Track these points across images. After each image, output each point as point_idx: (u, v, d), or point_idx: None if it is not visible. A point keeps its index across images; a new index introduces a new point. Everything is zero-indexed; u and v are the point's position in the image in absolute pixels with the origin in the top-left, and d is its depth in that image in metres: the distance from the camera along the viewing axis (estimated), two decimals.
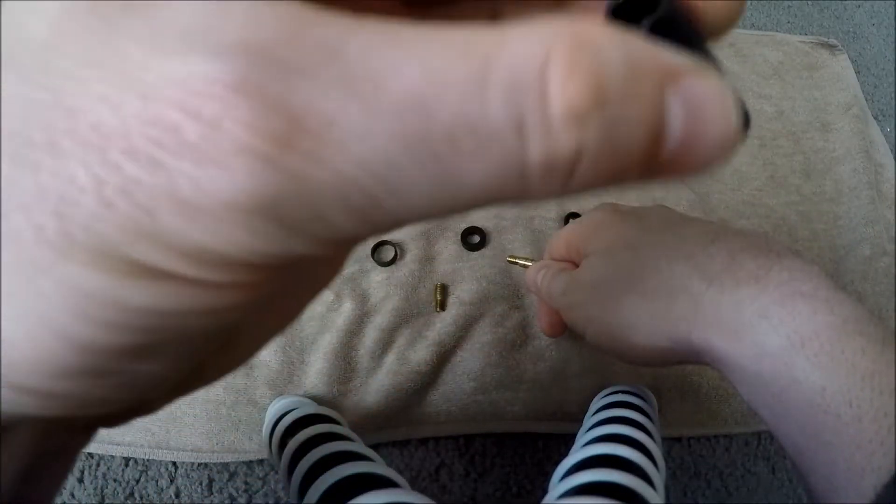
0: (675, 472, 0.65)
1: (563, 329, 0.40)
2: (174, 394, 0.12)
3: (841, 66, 0.83)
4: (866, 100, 0.82)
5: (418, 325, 0.62)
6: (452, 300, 0.63)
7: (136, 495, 0.59)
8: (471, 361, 0.62)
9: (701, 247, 0.27)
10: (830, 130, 0.78)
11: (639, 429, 0.45)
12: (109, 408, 0.10)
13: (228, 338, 0.11)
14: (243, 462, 0.60)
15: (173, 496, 0.59)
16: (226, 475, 0.60)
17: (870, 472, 0.21)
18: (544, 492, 0.42)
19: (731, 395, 0.65)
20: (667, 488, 0.42)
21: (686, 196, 0.70)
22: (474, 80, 0.07)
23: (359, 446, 0.44)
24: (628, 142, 0.07)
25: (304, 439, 0.45)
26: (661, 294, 0.27)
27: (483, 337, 0.62)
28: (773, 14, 0.90)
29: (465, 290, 0.63)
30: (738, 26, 0.87)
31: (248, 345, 0.12)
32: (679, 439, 0.66)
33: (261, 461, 0.60)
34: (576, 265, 0.35)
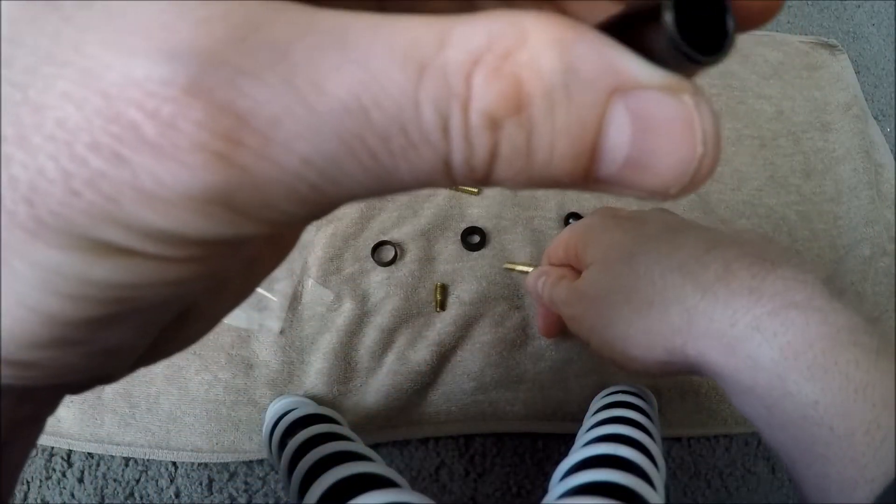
0: (675, 472, 0.65)
1: (560, 330, 0.41)
2: (136, 364, 0.12)
3: (841, 66, 0.83)
4: (866, 100, 0.82)
5: (418, 325, 0.62)
6: (452, 300, 0.63)
7: (136, 495, 0.59)
8: (471, 361, 0.62)
9: (695, 257, 0.27)
10: (830, 130, 0.78)
11: (639, 429, 0.45)
12: (76, 376, 0.10)
13: (187, 313, 0.12)
14: (243, 462, 0.60)
15: (173, 496, 0.59)
16: (226, 475, 0.60)
17: (863, 485, 0.21)
18: (544, 492, 0.42)
19: None
20: (667, 488, 0.42)
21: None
22: (409, 86, 0.07)
23: (359, 446, 0.44)
24: (549, 150, 0.07)
25: (303, 439, 0.45)
26: (656, 306, 0.27)
27: (483, 337, 0.62)
28: None
29: (465, 290, 0.63)
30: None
31: (204, 321, 0.13)
32: (679, 439, 0.66)
33: (261, 461, 0.60)
34: (574, 269, 0.36)
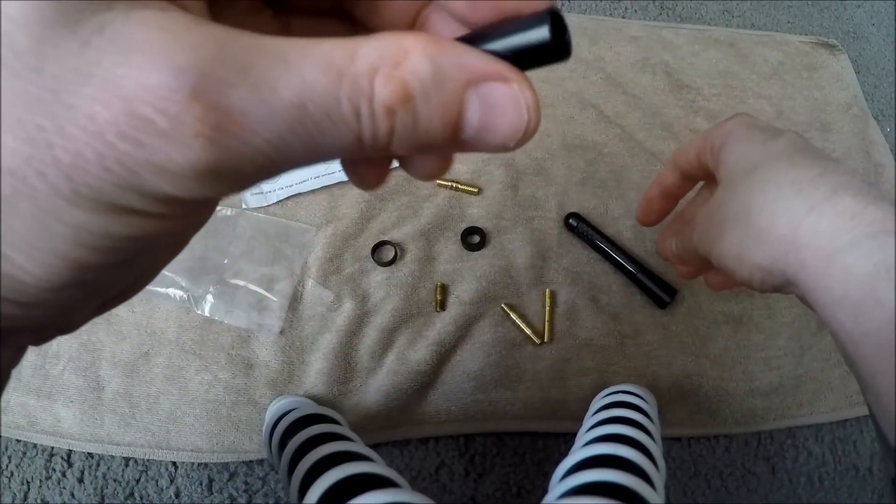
0: (675, 472, 0.65)
1: (698, 270, 0.45)
2: (95, 313, 0.15)
3: (841, 66, 0.83)
4: (866, 100, 0.82)
5: (418, 325, 0.62)
6: (452, 300, 0.63)
7: (136, 495, 0.59)
8: (470, 361, 0.62)
9: (809, 177, 0.30)
10: (830, 130, 0.78)
11: (639, 429, 0.45)
12: (56, 320, 0.13)
13: (144, 267, 0.15)
14: (243, 462, 0.60)
15: (173, 496, 0.59)
16: (226, 475, 0.60)
17: None
18: (544, 491, 0.42)
19: (730, 395, 0.65)
20: (667, 488, 0.42)
21: None
22: (333, 86, 0.11)
23: (359, 446, 0.44)
24: (428, 127, 0.12)
25: (304, 439, 0.45)
26: (766, 214, 0.31)
27: (483, 337, 0.62)
28: (773, 14, 0.90)
29: (465, 290, 0.63)
30: (739, 26, 0.87)
31: (149, 274, 0.16)
32: (679, 439, 0.66)
33: (261, 461, 0.60)
34: (707, 174, 0.40)
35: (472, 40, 0.13)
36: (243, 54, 0.11)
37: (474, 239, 0.65)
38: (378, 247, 0.63)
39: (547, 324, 0.63)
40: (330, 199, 0.65)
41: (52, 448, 0.59)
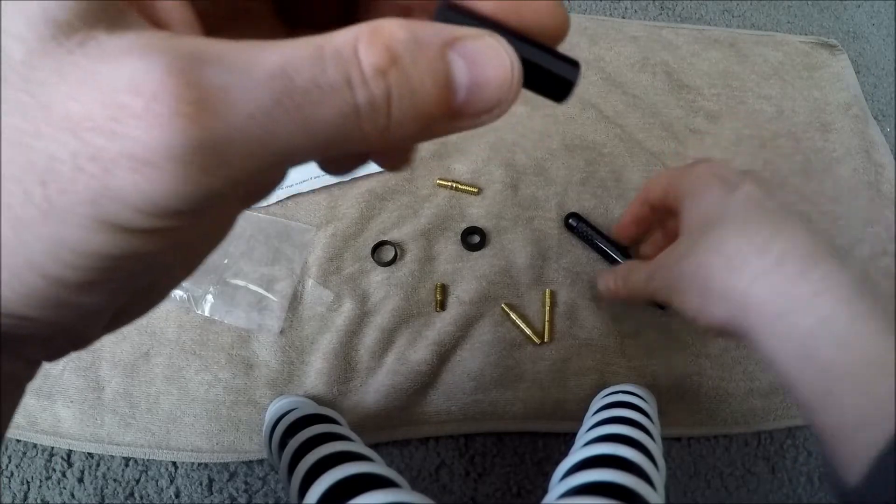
0: (675, 472, 0.65)
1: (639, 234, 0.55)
2: (107, 329, 0.15)
3: (841, 66, 0.83)
4: (866, 100, 0.82)
5: (418, 325, 0.62)
6: (452, 300, 0.63)
7: (136, 495, 0.59)
8: (471, 361, 0.62)
9: (761, 240, 0.35)
10: (830, 130, 0.78)
11: (639, 429, 0.45)
12: (61, 336, 0.13)
13: (150, 284, 0.15)
14: (243, 462, 0.60)
15: (173, 496, 0.59)
16: (226, 475, 0.60)
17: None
18: (544, 492, 0.42)
19: (730, 395, 0.65)
20: (667, 488, 0.42)
21: None
22: (315, 56, 0.10)
23: (359, 446, 0.44)
24: (422, 87, 0.11)
25: (304, 439, 0.45)
26: (722, 277, 0.36)
27: (483, 336, 0.63)
28: (773, 14, 0.90)
29: (465, 290, 0.63)
30: (739, 26, 0.87)
31: (161, 290, 0.16)
32: (679, 439, 0.66)
33: (261, 461, 0.60)
34: (670, 212, 0.45)
35: None
36: (220, 44, 0.10)
37: (474, 239, 0.65)
38: (378, 247, 0.63)
39: (547, 324, 0.63)
40: (330, 199, 0.65)
41: (52, 448, 0.59)
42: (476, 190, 0.67)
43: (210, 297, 0.60)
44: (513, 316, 0.62)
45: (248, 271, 0.62)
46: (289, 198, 0.65)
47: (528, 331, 0.62)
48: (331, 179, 0.65)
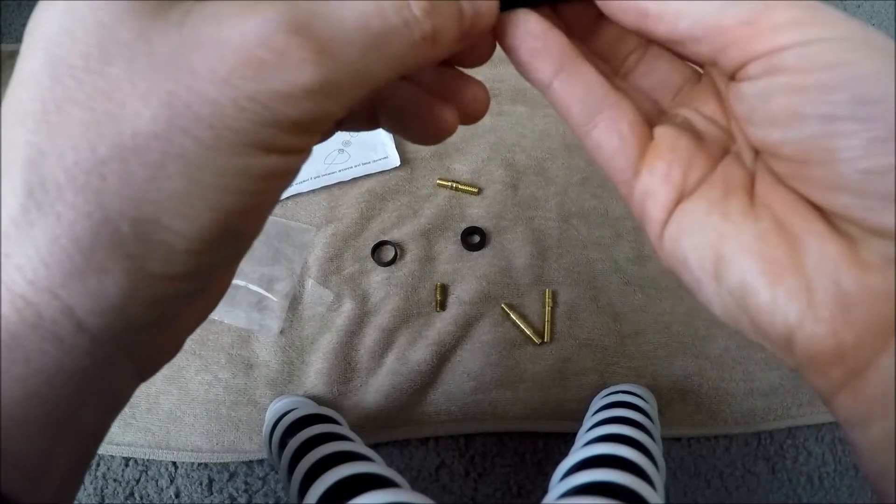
0: (675, 472, 0.65)
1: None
2: (191, 328, 0.17)
3: None
4: None
5: (418, 324, 0.62)
6: (452, 300, 0.63)
7: (136, 495, 0.59)
8: (470, 361, 0.62)
9: None
10: None
11: (639, 429, 0.45)
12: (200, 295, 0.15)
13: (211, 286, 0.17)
14: (243, 462, 0.60)
15: (173, 496, 0.59)
16: (226, 475, 0.60)
17: None
18: (544, 491, 0.42)
19: (730, 396, 0.65)
20: (667, 488, 0.42)
21: None
22: (379, 8, 0.13)
23: (359, 446, 0.44)
24: (450, 17, 0.14)
25: (304, 439, 0.45)
26: None
27: (483, 337, 0.62)
28: None
29: (465, 290, 0.63)
30: None
31: (217, 295, 0.18)
32: (679, 439, 0.66)
33: (261, 461, 0.60)
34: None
35: None
36: (312, 3, 0.13)
37: (474, 239, 0.65)
38: (378, 247, 0.63)
39: (547, 324, 0.63)
40: (330, 199, 0.65)
41: None
42: (476, 190, 0.67)
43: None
44: (513, 316, 0.62)
45: (248, 271, 0.62)
46: (289, 198, 0.65)
47: (528, 331, 0.62)
48: (331, 179, 0.65)
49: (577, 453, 0.43)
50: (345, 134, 0.68)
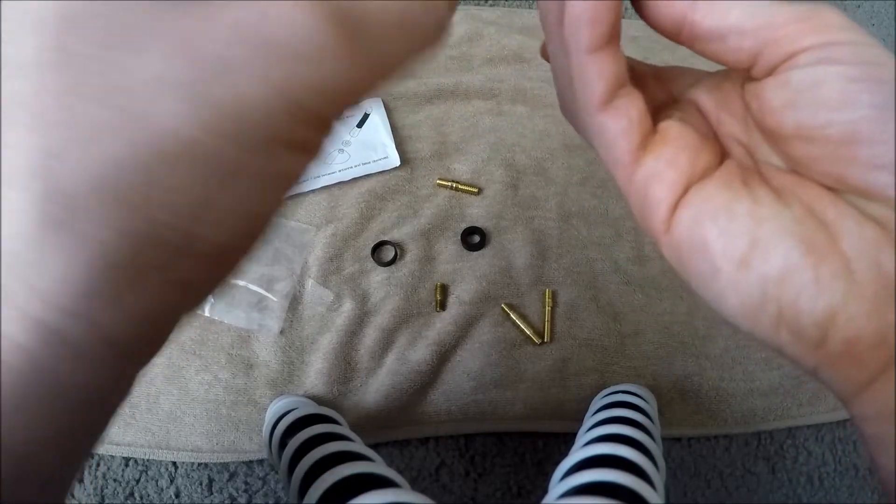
0: (675, 472, 0.65)
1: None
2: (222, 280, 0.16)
3: None
4: None
5: (418, 324, 0.62)
6: (452, 300, 0.63)
7: (136, 495, 0.59)
8: (471, 361, 0.62)
9: None
10: None
11: (639, 429, 0.45)
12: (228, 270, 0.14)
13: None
14: (243, 462, 0.60)
15: (173, 496, 0.59)
16: (226, 475, 0.60)
17: None
18: (544, 491, 0.42)
19: (730, 396, 0.65)
20: (667, 488, 0.42)
21: None
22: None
23: (359, 446, 0.44)
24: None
25: (304, 439, 0.45)
26: None
27: (483, 336, 0.63)
28: None
29: (465, 290, 0.63)
30: None
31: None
32: (679, 439, 0.66)
33: (261, 461, 0.60)
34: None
35: None
36: None
37: (474, 239, 0.65)
38: (378, 247, 0.63)
39: (547, 324, 0.63)
40: (330, 199, 0.65)
41: None
42: (476, 190, 0.67)
43: (210, 297, 0.60)
44: (513, 316, 0.62)
45: (248, 271, 0.62)
46: (289, 198, 0.65)
47: (528, 331, 0.62)
48: (331, 179, 0.65)
49: (577, 453, 0.43)
50: (344, 134, 0.68)
